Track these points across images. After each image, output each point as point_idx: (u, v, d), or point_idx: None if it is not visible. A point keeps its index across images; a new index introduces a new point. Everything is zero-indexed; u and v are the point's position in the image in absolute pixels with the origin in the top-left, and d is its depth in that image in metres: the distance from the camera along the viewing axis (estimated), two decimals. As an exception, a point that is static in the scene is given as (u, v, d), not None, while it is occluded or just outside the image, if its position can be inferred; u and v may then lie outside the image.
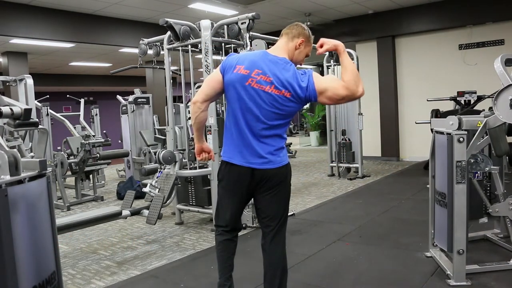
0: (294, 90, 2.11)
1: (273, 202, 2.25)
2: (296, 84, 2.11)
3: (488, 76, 5.07)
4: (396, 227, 4.25)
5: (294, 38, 2.24)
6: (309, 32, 2.30)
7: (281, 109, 2.14)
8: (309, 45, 2.30)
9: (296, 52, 2.26)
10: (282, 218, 2.28)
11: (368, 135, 8.54)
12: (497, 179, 3.03)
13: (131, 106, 7.89)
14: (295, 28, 2.27)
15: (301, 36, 2.25)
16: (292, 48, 2.25)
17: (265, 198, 2.25)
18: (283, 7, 8.10)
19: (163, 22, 4.32)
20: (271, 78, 2.12)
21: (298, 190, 6.53)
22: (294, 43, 2.24)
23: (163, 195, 4.24)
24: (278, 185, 2.23)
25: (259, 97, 2.13)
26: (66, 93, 10.21)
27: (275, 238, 2.26)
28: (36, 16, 7.07)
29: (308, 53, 2.33)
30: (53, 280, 1.73)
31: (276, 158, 2.19)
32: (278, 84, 2.11)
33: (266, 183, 2.21)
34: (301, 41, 2.24)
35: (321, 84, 2.12)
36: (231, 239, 2.37)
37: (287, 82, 2.11)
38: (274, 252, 2.27)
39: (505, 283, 2.75)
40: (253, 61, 2.18)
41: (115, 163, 9.28)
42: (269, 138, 2.18)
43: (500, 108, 2.71)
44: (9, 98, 2.75)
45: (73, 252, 4.05)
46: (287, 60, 2.20)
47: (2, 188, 1.50)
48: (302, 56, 2.30)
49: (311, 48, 2.34)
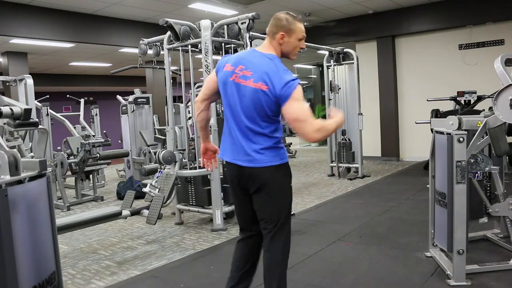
0: (272, 84, 2.05)
1: (265, 205, 2.20)
2: (277, 78, 2.05)
3: (488, 76, 5.07)
4: (396, 227, 4.25)
5: (274, 35, 2.18)
6: (287, 20, 2.16)
7: (259, 103, 2.09)
8: (292, 32, 2.16)
9: (283, 47, 2.18)
10: (278, 223, 2.19)
11: (368, 135, 8.54)
12: (497, 179, 3.03)
13: (131, 106, 7.89)
14: (272, 24, 2.19)
15: (279, 30, 2.16)
16: (277, 45, 2.19)
17: (257, 200, 2.22)
18: (283, 7, 8.04)
19: (163, 22, 4.32)
20: (251, 72, 2.12)
21: (298, 190, 6.53)
22: (276, 40, 2.17)
23: (163, 195, 4.24)
24: (266, 187, 2.16)
25: (241, 91, 2.13)
26: (66, 93, 10.21)
27: (273, 241, 2.21)
28: (36, 16, 7.07)
29: (297, 38, 2.18)
30: (53, 280, 1.73)
31: (262, 157, 2.13)
32: (257, 77, 2.09)
33: (254, 183, 2.18)
34: (281, 35, 2.16)
35: (296, 99, 2.04)
36: (242, 239, 2.36)
37: (266, 75, 2.07)
38: (272, 255, 2.22)
39: (505, 283, 2.74)
40: (239, 57, 2.22)
41: (115, 163, 9.28)
42: (256, 136, 2.14)
43: (500, 108, 2.71)
44: (9, 98, 2.75)
45: (73, 252, 4.05)
46: (273, 56, 2.17)
47: (2, 188, 1.50)
48: (291, 46, 2.19)
49: (301, 32, 2.19)
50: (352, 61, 7.38)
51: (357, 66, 7.35)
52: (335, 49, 7.38)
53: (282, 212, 2.22)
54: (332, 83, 7.34)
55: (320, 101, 14.73)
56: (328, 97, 7.50)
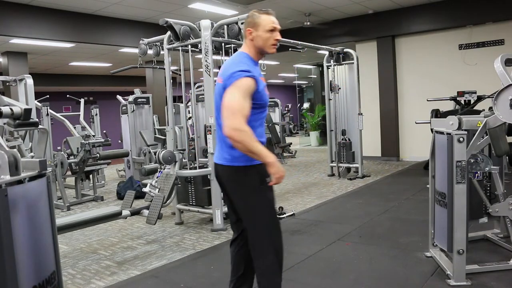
0: (223, 76, 2.13)
1: (236, 204, 2.23)
2: (227, 70, 2.09)
3: (488, 76, 5.07)
4: (396, 227, 4.25)
5: (244, 33, 2.22)
6: (252, 16, 2.18)
7: (220, 98, 2.12)
8: (257, 26, 2.15)
9: (254, 42, 2.17)
10: (256, 227, 2.14)
11: (368, 135, 8.54)
12: (497, 179, 3.03)
13: (131, 106, 7.89)
14: (243, 24, 2.27)
15: (246, 26, 2.20)
16: (249, 42, 2.20)
17: (230, 198, 2.27)
18: (283, 7, 8.10)
19: (163, 22, 4.32)
20: (221, 70, 2.22)
21: (298, 190, 6.53)
22: (247, 38, 2.20)
23: (163, 195, 4.24)
24: (230, 186, 2.20)
25: (215, 89, 2.25)
26: (66, 93, 10.21)
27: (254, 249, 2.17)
28: (36, 16, 7.07)
29: (265, 30, 2.14)
30: (53, 280, 1.73)
31: (227, 156, 2.14)
32: (220, 73, 2.20)
33: (221, 180, 2.26)
34: (248, 32, 2.18)
35: (234, 89, 2.01)
36: (233, 241, 2.37)
37: (224, 69, 2.16)
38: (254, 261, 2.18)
39: (505, 283, 2.74)
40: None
41: (115, 163, 9.28)
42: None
43: (500, 108, 2.71)
44: (9, 98, 2.75)
45: (73, 252, 4.05)
46: (241, 52, 2.23)
47: (2, 188, 1.50)
48: (262, 39, 2.15)
49: (268, 24, 2.15)
50: (352, 61, 7.38)
51: (357, 66, 7.35)
52: (335, 49, 7.38)
53: (257, 214, 2.15)
54: (332, 83, 7.34)
55: (320, 101, 14.74)
56: (328, 97, 7.51)
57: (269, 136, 10.16)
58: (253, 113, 2.07)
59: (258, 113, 2.13)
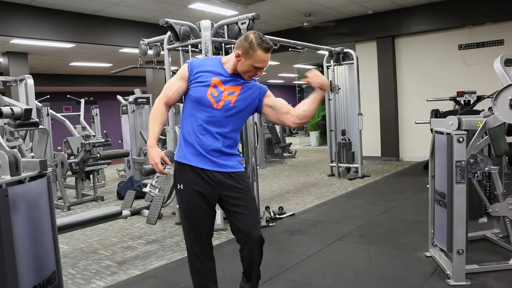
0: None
1: None
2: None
3: (488, 76, 5.07)
4: (396, 227, 4.25)
5: (235, 49, 2.18)
6: (250, 43, 2.10)
7: None
8: (248, 57, 2.12)
9: (239, 64, 2.17)
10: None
11: (368, 135, 8.54)
12: (497, 179, 3.04)
13: (131, 106, 7.89)
14: (240, 39, 2.18)
15: (239, 48, 2.14)
16: (233, 57, 2.19)
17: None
18: (283, 7, 8.10)
19: (163, 22, 4.32)
20: None
21: (298, 190, 6.54)
22: (234, 54, 2.17)
23: (163, 195, 4.24)
24: None
25: None
26: (66, 93, 10.21)
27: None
28: (36, 16, 7.08)
29: (252, 65, 2.14)
30: (53, 280, 1.73)
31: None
32: None
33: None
34: (237, 54, 2.15)
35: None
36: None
37: None
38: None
39: (504, 283, 2.75)
40: None
41: (115, 163, 9.28)
42: None
43: (500, 108, 2.71)
44: (9, 98, 2.76)
45: (74, 252, 4.06)
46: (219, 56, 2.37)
47: (2, 188, 1.51)
48: (244, 69, 2.16)
49: (259, 61, 2.13)
50: (352, 61, 7.39)
51: (357, 66, 7.35)
52: (335, 49, 7.38)
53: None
54: (332, 83, 7.34)
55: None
56: (328, 97, 7.50)
57: (269, 136, 10.18)
58: (190, 106, 2.25)
59: (195, 108, 2.22)
